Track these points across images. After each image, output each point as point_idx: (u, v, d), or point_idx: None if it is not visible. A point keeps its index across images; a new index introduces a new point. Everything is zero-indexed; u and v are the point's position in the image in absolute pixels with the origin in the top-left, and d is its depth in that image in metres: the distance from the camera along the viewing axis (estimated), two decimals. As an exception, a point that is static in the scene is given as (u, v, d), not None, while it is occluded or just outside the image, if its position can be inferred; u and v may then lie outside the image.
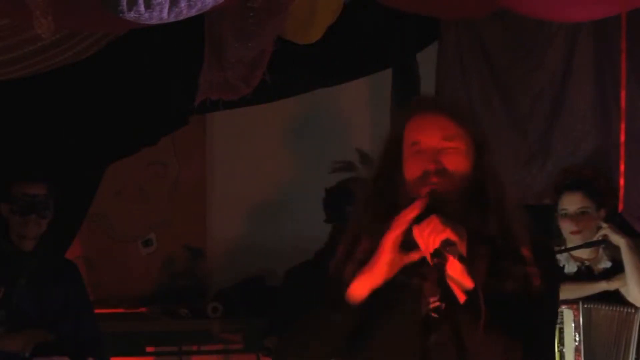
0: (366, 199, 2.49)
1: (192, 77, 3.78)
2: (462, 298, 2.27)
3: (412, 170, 2.41)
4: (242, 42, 3.58)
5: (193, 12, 2.58)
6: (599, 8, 3.66)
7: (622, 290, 4.27)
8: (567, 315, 4.27)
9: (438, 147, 2.40)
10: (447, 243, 2.24)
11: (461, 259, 2.22)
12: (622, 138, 3.81)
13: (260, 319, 5.18)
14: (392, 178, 2.46)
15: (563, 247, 4.38)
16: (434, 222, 2.26)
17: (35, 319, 4.16)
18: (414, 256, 2.32)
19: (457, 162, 2.41)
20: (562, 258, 4.42)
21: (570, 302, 4.29)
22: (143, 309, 5.77)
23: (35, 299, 4.19)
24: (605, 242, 4.26)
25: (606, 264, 4.37)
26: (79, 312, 4.29)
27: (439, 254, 2.24)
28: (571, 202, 4.35)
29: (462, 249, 2.25)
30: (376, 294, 2.34)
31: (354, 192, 4.68)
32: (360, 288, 2.33)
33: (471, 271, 2.24)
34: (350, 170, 4.89)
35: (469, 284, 2.24)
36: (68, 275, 4.35)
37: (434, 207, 2.32)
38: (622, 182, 3.87)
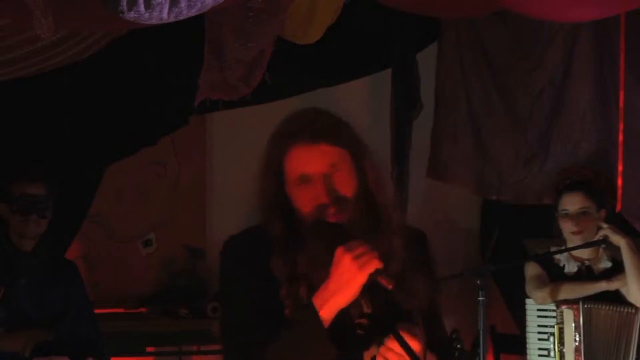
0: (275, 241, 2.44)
1: (192, 77, 3.78)
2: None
3: (303, 203, 2.39)
4: (242, 42, 3.58)
5: (193, 12, 2.58)
6: (599, 8, 3.66)
7: (622, 291, 4.27)
8: (567, 315, 4.28)
9: (325, 174, 2.37)
10: (379, 272, 2.24)
11: (394, 287, 2.23)
12: (621, 138, 3.81)
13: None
14: (282, 209, 2.42)
15: (563, 247, 4.38)
16: (362, 248, 2.24)
17: (35, 319, 4.16)
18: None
19: (347, 183, 2.39)
20: (562, 258, 4.42)
21: (570, 302, 4.29)
22: (143, 309, 5.77)
23: (35, 299, 4.19)
24: (605, 242, 4.26)
25: (606, 264, 4.37)
26: (78, 312, 4.29)
27: (375, 282, 2.25)
28: (571, 203, 4.36)
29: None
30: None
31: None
32: (330, 312, 2.28)
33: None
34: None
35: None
36: (68, 275, 4.35)
37: (338, 232, 2.31)
38: (620, 182, 3.86)
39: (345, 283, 2.25)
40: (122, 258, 5.91)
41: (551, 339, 4.34)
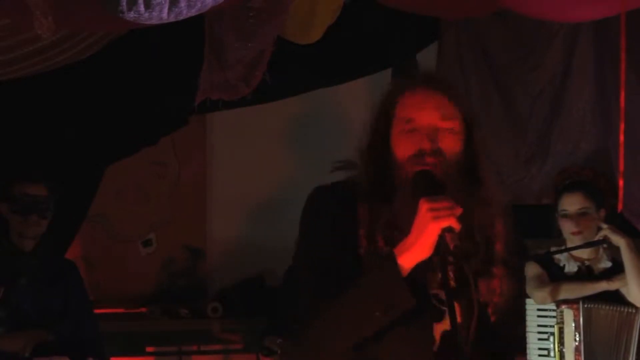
0: (364, 177, 2.44)
1: (192, 77, 3.78)
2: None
3: (404, 148, 2.38)
4: (242, 42, 3.58)
5: (193, 12, 2.58)
6: (599, 8, 3.66)
7: (623, 290, 4.27)
8: (568, 315, 4.27)
9: (434, 126, 2.37)
10: (448, 229, 2.24)
11: (455, 248, 2.22)
12: (622, 138, 3.81)
13: (260, 319, 5.18)
14: (381, 154, 2.42)
15: (563, 247, 4.38)
16: (445, 204, 2.25)
17: (35, 319, 4.16)
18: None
19: (453, 143, 2.39)
20: (562, 258, 4.42)
21: (570, 302, 4.29)
22: (143, 309, 5.77)
23: (35, 299, 4.19)
24: (605, 242, 4.26)
25: (606, 264, 4.37)
26: (79, 312, 4.29)
27: (441, 239, 2.26)
28: (571, 203, 4.36)
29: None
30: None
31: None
32: (408, 262, 2.29)
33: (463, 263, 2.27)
34: (351, 170, 4.89)
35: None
36: (68, 275, 4.35)
37: (436, 188, 2.30)
38: (621, 182, 3.86)
39: (419, 232, 2.26)
40: (122, 258, 5.92)
41: (551, 338, 4.34)
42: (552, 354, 4.35)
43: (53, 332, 4.17)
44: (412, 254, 2.28)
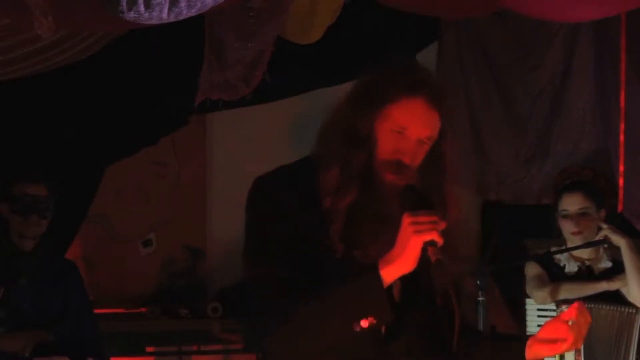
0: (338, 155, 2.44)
1: (192, 77, 3.78)
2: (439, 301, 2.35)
3: (385, 148, 2.40)
4: (242, 42, 3.58)
5: (193, 12, 2.58)
6: (599, 8, 3.66)
7: (623, 291, 4.27)
8: (567, 315, 4.27)
9: (420, 142, 2.40)
10: (431, 243, 2.26)
11: (437, 261, 2.24)
12: (622, 138, 3.81)
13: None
14: (363, 146, 2.42)
15: (563, 247, 4.38)
16: (427, 218, 2.27)
17: (35, 319, 4.16)
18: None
19: (422, 154, 2.43)
20: (562, 258, 4.42)
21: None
22: (143, 309, 5.77)
23: (35, 299, 4.19)
24: (605, 242, 4.26)
25: (607, 264, 4.37)
26: (79, 312, 4.29)
27: (423, 252, 2.28)
28: (571, 203, 4.35)
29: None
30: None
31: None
32: (391, 275, 2.30)
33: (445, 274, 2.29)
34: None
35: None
36: (68, 275, 4.35)
37: (424, 202, 2.32)
38: (621, 182, 3.87)
39: (402, 246, 2.27)
40: (122, 258, 5.91)
41: (551, 339, 4.34)
42: (552, 354, 4.34)
43: (53, 332, 4.17)
44: (395, 268, 2.29)
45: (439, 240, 2.25)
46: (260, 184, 2.55)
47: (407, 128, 2.39)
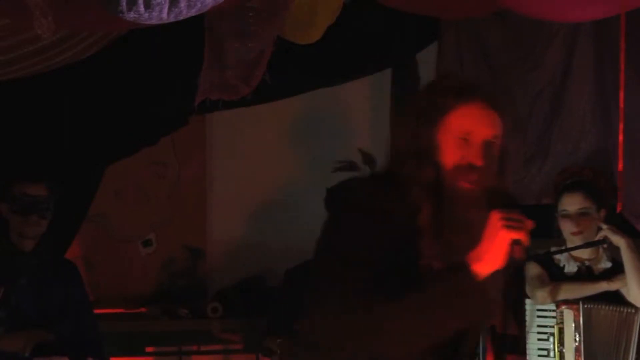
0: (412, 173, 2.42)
1: (192, 77, 3.78)
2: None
3: (453, 156, 2.40)
4: (242, 42, 3.58)
5: (193, 12, 2.58)
6: (599, 8, 3.66)
7: (623, 291, 4.27)
8: (568, 315, 4.27)
9: (486, 143, 2.41)
10: (517, 242, 2.30)
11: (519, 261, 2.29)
12: (621, 138, 3.81)
13: (260, 319, 5.18)
14: (431, 158, 2.42)
15: (563, 247, 4.38)
16: (517, 216, 2.30)
17: (35, 319, 4.16)
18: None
19: (496, 153, 2.44)
20: (562, 258, 4.42)
21: (570, 302, 4.29)
22: (143, 309, 5.77)
23: (35, 299, 4.19)
24: (605, 242, 4.26)
25: (606, 264, 4.37)
26: (79, 312, 4.29)
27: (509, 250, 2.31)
28: (571, 203, 4.35)
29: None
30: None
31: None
32: (482, 273, 2.30)
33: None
34: (352, 170, 4.90)
35: None
36: (68, 275, 4.35)
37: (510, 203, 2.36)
38: (620, 182, 3.86)
39: (490, 242, 2.29)
40: (122, 258, 5.91)
41: (551, 339, 4.34)
42: (552, 354, 4.35)
43: (53, 332, 4.17)
44: (485, 264, 2.30)
45: (526, 241, 2.28)
46: (352, 187, 2.53)
47: (471, 132, 2.40)
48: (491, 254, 2.29)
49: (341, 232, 2.41)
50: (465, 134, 2.40)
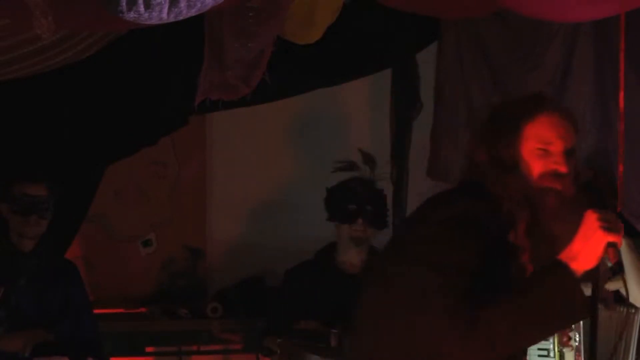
0: (503, 180, 2.44)
1: (192, 77, 3.78)
2: None
3: (537, 166, 2.45)
4: (242, 42, 3.58)
5: (193, 12, 2.58)
6: (599, 8, 3.65)
7: (622, 291, 4.27)
8: (567, 315, 4.27)
9: (566, 151, 2.47)
10: (613, 244, 2.34)
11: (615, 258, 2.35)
12: (621, 138, 3.81)
13: (260, 319, 5.18)
14: (518, 171, 2.45)
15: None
16: (616, 219, 2.37)
17: (35, 319, 4.16)
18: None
19: (573, 167, 2.51)
20: (562, 258, 4.42)
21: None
22: (143, 309, 5.77)
23: (35, 299, 4.19)
24: (605, 242, 4.25)
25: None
26: (78, 312, 4.29)
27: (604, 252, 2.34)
28: (571, 202, 4.35)
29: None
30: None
31: (356, 192, 4.71)
32: (580, 269, 2.32)
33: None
34: (352, 170, 4.90)
35: None
36: (68, 275, 4.36)
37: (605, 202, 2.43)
38: (620, 182, 3.86)
39: (585, 241, 2.31)
40: (122, 258, 5.91)
41: (551, 339, 4.34)
42: (552, 354, 4.35)
43: (53, 332, 4.17)
44: (579, 263, 2.32)
45: (621, 243, 2.34)
46: (446, 199, 2.53)
47: (551, 142, 2.45)
48: (586, 253, 2.31)
49: (439, 244, 2.38)
50: (546, 143, 2.45)
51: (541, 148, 2.45)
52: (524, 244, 2.40)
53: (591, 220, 2.31)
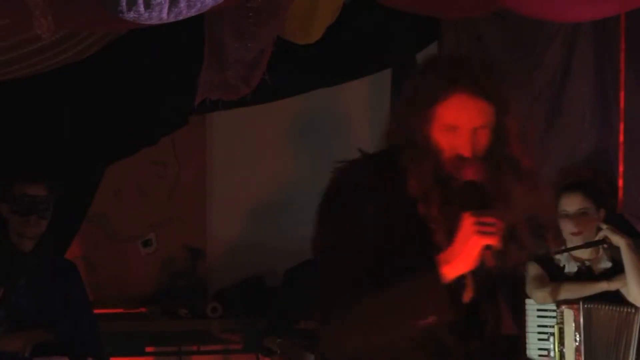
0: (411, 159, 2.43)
1: (192, 77, 3.78)
2: None
3: (445, 147, 2.41)
4: (242, 42, 3.58)
5: (193, 12, 2.58)
6: (599, 8, 3.66)
7: (622, 291, 4.27)
8: (568, 315, 4.27)
9: (473, 130, 2.41)
10: (489, 247, 2.30)
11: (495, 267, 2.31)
12: (621, 138, 3.81)
13: (260, 319, 5.18)
14: (428, 152, 2.43)
15: (563, 247, 4.38)
16: (490, 219, 2.30)
17: (35, 319, 4.16)
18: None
19: (486, 140, 2.44)
20: (562, 258, 4.42)
21: (570, 302, 4.29)
22: (143, 309, 5.77)
23: (35, 299, 4.19)
24: (605, 242, 4.26)
25: (606, 264, 4.37)
26: (78, 312, 4.29)
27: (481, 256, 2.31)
28: (571, 203, 4.35)
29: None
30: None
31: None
32: (451, 273, 2.32)
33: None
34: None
35: None
36: (68, 275, 4.35)
37: (484, 201, 2.35)
38: (620, 182, 3.86)
39: (462, 245, 2.30)
40: (122, 258, 5.91)
41: (551, 339, 4.34)
42: (552, 354, 4.35)
43: (53, 332, 4.17)
44: (455, 266, 2.31)
45: (498, 246, 2.28)
46: (345, 173, 2.54)
47: (457, 123, 2.41)
48: (460, 258, 2.30)
49: (339, 216, 2.43)
50: (452, 125, 2.41)
51: (448, 129, 2.41)
52: (436, 224, 2.38)
53: (467, 224, 2.29)
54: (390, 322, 2.32)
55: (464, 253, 2.29)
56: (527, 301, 4.44)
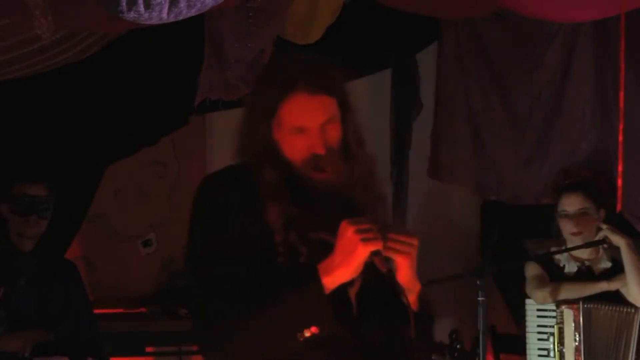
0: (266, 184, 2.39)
1: (192, 77, 3.78)
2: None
3: (295, 150, 2.38)
4: (242, 42, 3.59)
5: (193, 12, 2.59)
6: (599, 8, 3.66)
7: (622, 290, 4.27)
8: (568, 315, 4.28)
9: (320, 127, 2.37)
10: (376, 253, 2.25)
11: (388, 272, 2.25)
12: (621, 138, 3.81)
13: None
14: (274, 156, 2.40)
15: (563, 247, 4.38)
16: (369, 225, 2.24)
17: (35, 319, 4.16)
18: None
19: (337, 132, 2.41)
20: (562, 258, 4.42)
21: (570, 302, 4.29)
22: (143, 309, 5.77)
23: (35, 299, 4.19)
24: (605, 242, 4.26)
25: (606, 264, 4.37)
26: (78, 312, 4.29)
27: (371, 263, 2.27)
28: (571, 203, 4.36)
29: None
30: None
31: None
32: (332, 283, 2.26)
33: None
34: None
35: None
36: (68, 275, 4.35)
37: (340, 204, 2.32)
38: (620, 182, 3.86)
39: (346, 255, 2.23)
40: (122, 258, 5.91)
41: (551, 339, 4.34)
42: (552, 354, 4.35)
43: (53, 332, 4.17)
44: (337, 276, 2.25)
45: (381, 247, 2.23)
46: (209, 182, 2.58)
47: (304, 123, 2.37)
48: (344, 267, 2.23)
49: (206, 228, 2.43)
50: (297, 127, 2.37)
51: (294, 131, 2.38)
52: (278, 229, 2.32)
53: (348, 233, 2.22)
54: (275, 334, 2.25)
55: (349, 262, 2.22)
56: (527, 301, 4.44)
